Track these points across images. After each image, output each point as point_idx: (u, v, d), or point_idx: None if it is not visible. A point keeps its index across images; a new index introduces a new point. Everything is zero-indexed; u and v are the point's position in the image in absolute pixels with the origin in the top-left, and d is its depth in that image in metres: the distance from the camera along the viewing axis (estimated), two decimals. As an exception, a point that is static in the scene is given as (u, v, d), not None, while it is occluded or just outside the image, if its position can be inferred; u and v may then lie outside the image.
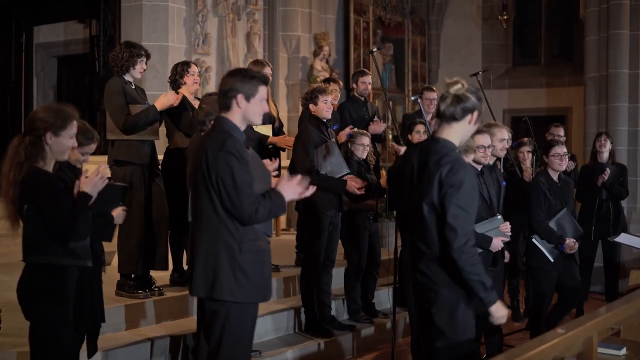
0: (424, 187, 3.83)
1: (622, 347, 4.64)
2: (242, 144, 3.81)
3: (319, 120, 6.44)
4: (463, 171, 3.74)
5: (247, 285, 3.81)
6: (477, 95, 3.85)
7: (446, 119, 3.85)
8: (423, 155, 3.92)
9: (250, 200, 3.72)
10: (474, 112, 3.83)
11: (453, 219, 3.70)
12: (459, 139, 3.89)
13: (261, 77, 3.94)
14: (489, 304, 3.78)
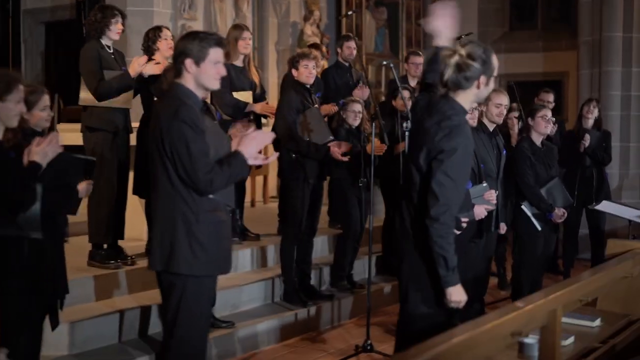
0: (417, 145, 3.70)
1: (597, 317, 4.55)
2: (196, 111, 3.66)
3: (301, 85, 6.29)
4: (460, 138, 3.58)
5: (204, 257, 3.69)
6: (482, 59, 3.58)
7: (452, 88, 3.66)
8: (426, 114, 3.76)
9: (206, 169, 3.59)
10: (480, 77, 3.60)
11: (438, 186, 3.57)
12: (469, 102, 3.71)
13: (213, 38, 3.76)
14: (446, 284, 3.62)
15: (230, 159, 3.67)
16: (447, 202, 3.58)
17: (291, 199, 6.28)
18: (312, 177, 6.24)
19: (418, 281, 3.77)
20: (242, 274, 6.62)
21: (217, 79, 3.82)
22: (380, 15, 13.95)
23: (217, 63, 3.76)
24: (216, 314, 5.81)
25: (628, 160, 9.64)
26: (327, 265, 7.15)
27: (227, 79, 6.79)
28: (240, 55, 6.92)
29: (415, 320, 3.77)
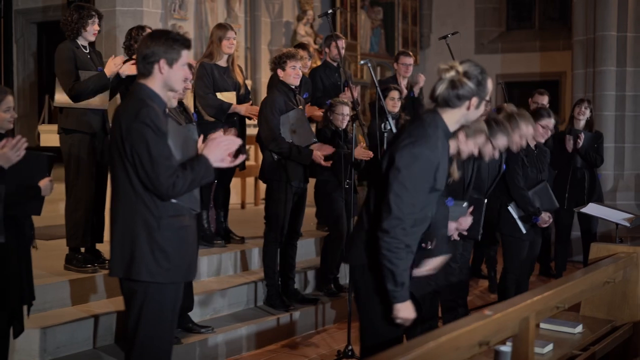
0: (392, 152, 3.56)
1: (578, 324, 4.44)
2: (159, 113, 3.54)
3: (286, 86, 6.17)
4: (423, 148, 3.42)
5: (166, 264, 3.57)
6: (478, 80, 3.43)
7: (440, 104, 3.52)
8: (412, 121, 3.67)
9: (168, 173, 3.47)
10: (472, 98, 3.45)
11: (393, 197, 3.43)
12: (455, 123, 3.54)
13: (184, 40, 3.67)
14: (394, 300, 3.46)
15: (194, 162, 3.56)
16: (401, 215, 3.41)
17: (273, 201, 6.17)
18: (294, 180, 6.12)
19: (371, 295, 3.64)
20: (225, 278, 6.51)
21: (184, 81, 3.73)
22: (376, 15, 13.86)
23: (185, 65, 3.67)
24: (195, 318, 5.71)
25: (623, 161, 9.50)
26: (313, 269, 7.03)
27: (211, 79, 6.71)
28: (224, 55, 6.81)
29: (368, 336, 3.67)
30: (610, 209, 5.95)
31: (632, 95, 9.45)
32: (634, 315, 4.64)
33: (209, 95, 6.68)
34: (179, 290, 3.72)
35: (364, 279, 3.63)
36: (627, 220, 5.43)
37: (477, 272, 8.48)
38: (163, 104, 3.66)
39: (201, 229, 6.88)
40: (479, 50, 14.32)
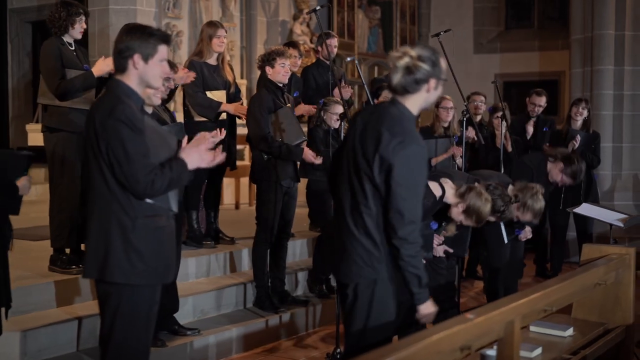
0: (367, 153, 3.49)
1: (569, 327, 4.34)
2: (134, 110, 3.44)
3: (274, 84, 6.07)
4: (414, 146, 3.40)
5: (141, 266, 3.47)
6: (432, 61, 3.43)
7: (399, 92, 3.50)
8: (374, 118, 3.57)
9: (145, 171, 3.37)
10: (430, 80, 3.44)
11: (402, 202, 3.39)
12: (418, 108, 3.55)
13: (161, 34, 3.57)
14: (418, 302, 3.56)
15: (173, 163, 3.47)
16: (414, 219, 3.43)
17: (263, 201, 6.07)
18: (285, 179, 6.03)
19: (379, 305, 3.60)
20: (214, 279, 6.41)
21: (162, 77, 3.62)
22: (374, 14, 13.77)
23: (162, 61, 3.57)
24: (182, 320, 5.61)
25: (620, 161, 9.38)
26: (304, 270, 6.94)
27: (200, 78, 6.62)
28: (214, 53, 6.73)
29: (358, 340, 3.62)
30: (604, 209, 5.84)
31: (630, 95, 9.34)
32: (626, 318, 4.54)
33: (198, 94, 6.60)
34: (155, 292, 3.61)
35: (370, 292, 3.56)
36: (620, 220, 5.32)
37: (473, 274, 8.39)
38: (140, 101, 3.57)
39: (191, 229, 6.80)
40: (477, 49, 14.23)
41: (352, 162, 3.56)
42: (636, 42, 9.32)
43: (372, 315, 3.61)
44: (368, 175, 3.46)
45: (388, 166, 3.39)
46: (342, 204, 3.61)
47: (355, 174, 3.52)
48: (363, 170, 3.48)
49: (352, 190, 3.55)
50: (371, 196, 3.48)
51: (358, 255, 3.55)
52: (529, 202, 5.35)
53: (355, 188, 3.53)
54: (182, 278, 6.10)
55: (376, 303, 3.60)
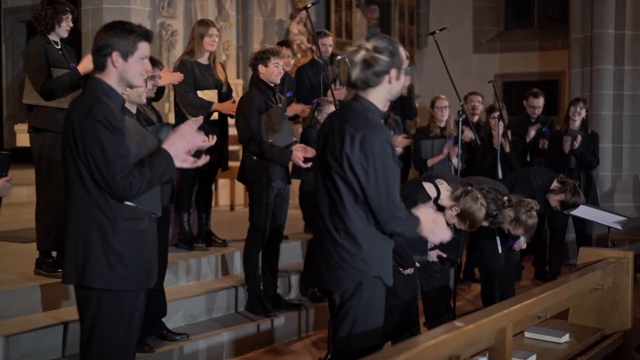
0: (335, 153, 3.41)
1: (565, 333, 4.22)
2: (113, 109, 3.32)
3: (265, 84, 5.95)
4: (382, 136, 3.34)
5: (122, 271, 3.35)
6: (389, 50, 3.38)
7: (361, 87, 3.43)
8: (339, 117, 3.50)
9: (124, 172, 3.25)
10: (390, 71, 3.39)
11: (379, 195, 3.34)
12: (382, 100, 3.48)
13: (142, 31, 3.44)
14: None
15: (153, 159, 3.33)
16: (395, 205, 3.37)
17: (254, 204, 5.95)
18: (275, 181, 5.90)
19: (367, 307, 3.51)
20: (204, 282, 6.29)
21: (143, 75, 3.50)
22: (372, 14, 13.64)
23: (144, 59, 3.44)
24: (171, 325, 5.49)
25: (620, 161, 9.24)
26: (298, 273, 6.81)
27: (191, 77, 6.51)
28: (205, 52, 6.61)
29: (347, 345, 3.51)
30: (602, 211, 5.71)
31: (630, 95, 9.21)
32: (624, 324, 4.42)
33: (190, 94, 6.48)
34: (137, 298, 3.49)
35: (358, 297, 3.47)
36: (619, 223, 5.20)
37: (470, 276, 8.27)
38: (120, 100, 3.45)
39: (182, 231, 6.69)
40: (477, 49, 14.10)
41: (324, 165, 3.48)
42: (636, 42, 9.18)
43: (359, 322, 3.52)
44: (340, 175, 3.39)
45: (357, 162, 3.33)
46: (321, 209, 3.52)
47: (328, 176, 3.45)
48: (335, 171, 3.40)
49: (328, 193, 3.47)
50: (346, 196, 3.40)
51: (342, 259, 3.46)
52: (523, 217, 5.26)
53: (330, 191, 3.46)
54: (172, 282, 5.99)
55: (363, 309, 3.51)
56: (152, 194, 3.48)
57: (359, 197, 3.39)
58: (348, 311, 3.52)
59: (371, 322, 3.54)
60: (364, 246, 3.44)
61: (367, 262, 3.45)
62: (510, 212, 5.27)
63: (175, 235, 6.77)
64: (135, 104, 4.43)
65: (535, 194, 6.22)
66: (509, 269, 6.02)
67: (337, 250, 3.46)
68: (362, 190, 3.36)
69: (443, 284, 5.58)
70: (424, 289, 5.56)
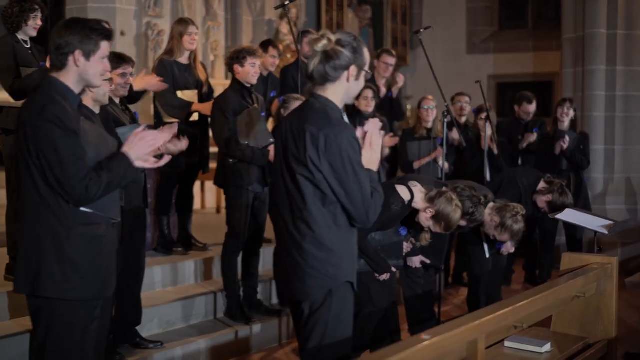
0: (299, 156, 3.26)
1: (546, 342, 4.05)
2: (67, 110, 3.16)
3: (240, 84, 5.79)
4: (342, 134, 3.19)
5: (76, 279, 3.20)
6: (353, 47, 3.24)
7: (318, 81, 3.28)
8: (297, 118, 3.35)
9: (80, 175, 3.10)
10: (350, 67, 3.24)
11: (351, 192, 3.21)
12: (340, 99, 3.32)
13: (104, 30, 3.31)
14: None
15: (111, 162, 3.19)
16: (367, 200, 3.24)
17: (231, 207, 5.80)
18: (253, 184, 5.75)
19: (336, 315, 3.36)
20: (183, 287, 6.13)
21: (103, 75, 3.36)
22: (364, 14, 13.50)
23: (104, 58, 3.31)
24: (146, 332, 5.35)
25: (613, 163, 9.09)
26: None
27: (170, 77, 6.36)
28: (185, 51, 6.46)
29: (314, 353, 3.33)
30: (588, 215, 5.55)
31: (623, 96, 9.06)
32: (608, 332, 4.26)
33: (168, 94, 6.33)
34: (94, 307, 3.34)
35: (328, 306, 3.32)
36: (605, 227, 5.04)
37: (459, 280, 8.12)
38: (76, 100, 3.31)
39: (162, 235, 6.54)
40: (470, 50, 13.94)
41: (286, 170, 3.32)
42: (629, 42, 9.03)
43: (329, 332, 3.36)
44: (306, 177, 3.24)
45: (324, 162, 3.20)
46: (283, 217, 3.36)
47: (291, 179, 3.29)
48: (299, 173, 3.25)
49: (290, 197, 3.30)
50: (311, 198, 3.24)
51: (310, 267, 3.30)
52: (508, 222, 5.11)
53: (293, 195, 3.29)
54: (148, 287, 5.81)
55: (333, 319, 3.35)
56: (111, 199, 3.33)
57: (327, 198, 3.25)
58: (317, 322, 3.36)
59: (341, 332, 3.39)
60: (333, 250, 3.29)
61: (338, 267, 3.31)
62: (496, 217, 5.13)
63: (155, 239, 6.62)
64: (99, 104, 4.27)
65: (522, 195, 6.06)
66: (496, 274, 5.87)
67: (304, 257, 3.30)
68: (333, 191, 3.22)
69: (426, 289, 5.44)
70: (406, 295, 5.41)
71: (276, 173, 3.43)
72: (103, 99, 4.25)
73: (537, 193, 5.99)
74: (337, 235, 3.30)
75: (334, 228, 3.29)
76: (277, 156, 3.45)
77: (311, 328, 3.37)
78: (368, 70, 3.36)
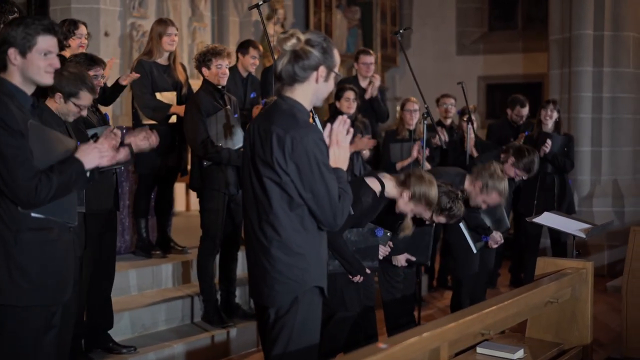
0: (265, 158, 3.20)
1: (520, 348, 3.98)
2: (12, 110, 3.06)
3: (212, 86, 5.73)
4: (309, 137, 3.13)
5: (26, 285, 3.11)
6: (322, 47, 3.19)
7: (287, 81, 3.22)
8: (263, 119, 3.29)
9: (27, 175, 3.01)
10: (319, 68, 3.19)
11: (318, 194, 3.13)
12: (308, 100, 3.27)
13: (42, 24, 3.18)
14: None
15: (63, 165, 3.11)
16: (334, 201, 3.17)
17: (205, 210, 5.73)
18: (227, 186, 5.68)
19: (305, 328, 3.30)
20: (160, 291, 6.05)
21: (49, 71, 3.22)
22: (353, 15, 13.42)
23: (48, 54, 3.19)
24: (119, 337, 5.27)
25: (599, 165, 9.01)
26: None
27: (149, 78, 6.29)
28: (164, 52, 6.39)
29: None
30: (566, 218, 5.47)
31: (610, 97, 8.98)
32: (583, 338, 4.19)
33: (147, 96, 6.27)
34: (51, 314, 3.26)
35: (294, 312, 3.25)
36: (582, 231, 4.98)
37: (443, 283, 8.07)
38: (28, 100, 3.22)
39: (140, 238, 6.47)
40: (460, 51, 13.86)
41: (252, 172, 3.25)
42: (615, 43, 8.95)
43: (294, 339, 3.28)
44: (272, 179, 3.17)
45: (290, 164, 3.14)
46: (250, 220, 3.30)
47: (258, 181, 3.22)
48: (266, 176, 3.18)
49: (257, 201, 3.23)
50: (277, 202, 3.18)
51: (278, 272, 3.23)
52: (490, 182, 5.10)
53: (259, 198, 3.22)
54: (123, 291, 5.77)
55: (299, 325, 3.28)
56: (66, 202, 3.24)
57: (294, 202, 3.18)
58: (283, 327, 3.28)
59: (307, 339, 3.31)
60: (301, 254, 3.23)
61: (306, 271, 3.24)
62: (477, 182, 5.11)
63: (133, 242, 6.54)
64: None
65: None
66: (481, 277, 5.79)
67: (272, 262, 3.23)
68: (299, 194, 3.16)
69: (406, 293, 5.36)
70: (385, 300, 5.34)
71: (244, 175, 3.36)
72: (66, 117, 4.19)
73: (503, 165, 5.83)
74: (304, 239, 3.23)
75: (302, 232, 3.22)
76: (244, 158, 3.38)
77: (277, 334, 3.30)
78: (338, 72, 3.31)
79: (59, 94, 4.14)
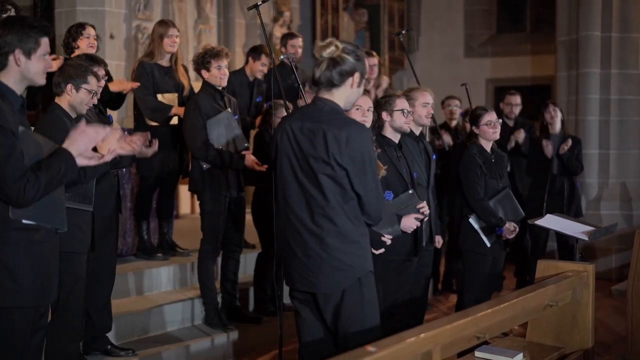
0: (319, 155, 3.40)
1: (519, 353, 3.92)
2: (4, 109, 3.04)
3: (212, 87, 5.69)
4: (361, 134, 3.41)
5: (11, 285, 3.09)
6: (356, 55, 3.46)
7: (324, 86, 3.44)
8: (307, 120, 3.46)
9: (16, 175, 2.99)
10: (354, 74, 3.45)
11: (369, 188, 3.44)
12: (342, 103, 3.50)
13: (42, 26, 3.23)
14: None
15: (50, 160, 3.08)
16: (381, 193, 3.58)
17: (205, 213, 5.68)
18: (228, 189, 5.64)
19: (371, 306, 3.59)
20: (160, 294, 6.03)
21: (44, 73, 3.27)
22: (360, 17, 13.39)
23: (45, 55, 3.22)
24: (119, 340, 5.25)
25: (607, 168, 8.92)
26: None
27: (150, 80, 6.27)
28: (166, 54, 6.37)
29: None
30: (570, 221, 5.40)
31: (617, 99, 8.89)
32: (584, 342, 4.12)
33: (148, 97, 6.25)
34: (39, 316, 3.23)
35: (360, 293, 3.48)
36: (585, 233, 4.90)
37: (448, 287, 8.00)
38: (18, 100, 3.21)
39: (141, 241, 6.45)
40: (468, 53, 13.80)
41: (300, 170, 3.44)
42: (623, 44, 8.87)
43: (367, 316, 3.50)
44: (328, 174, 3.40)
45: (347, 160, 3.37)
46: (298, 215, 3.47)
47: (307, 179, 3.42)
48: (320, 172, 3.40)
49: (307, 196, 3.43)
50: (334, 195, 3.42)
51: (337, 259, 3.45)
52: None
53: (310, 194, 3.42)
54: (123, 294, 5.74)
55: (367, 304, 3.51)
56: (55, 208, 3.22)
57: (347, 194, 3.43)
58: (353, 309, 3.48)
59: (375, 317, 3.54)
60: (357, 242, 3.48)
61: (362, 258, 3.50)
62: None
63: (135, 245, 6.52)
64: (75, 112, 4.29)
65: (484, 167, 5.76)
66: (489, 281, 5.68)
67: (329, 251, 3.44)
68: (353, 187, 3.41)
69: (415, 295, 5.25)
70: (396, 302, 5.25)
71: (282, 174, 3.51)
72: (80, 107, 4.28)
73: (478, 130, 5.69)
74: (357, 230, 3.48)
75: (356, 222, 3.47)
76: (282, 158, 3.52)
77: (347, 317, 3.47)
78: (367, 79, 3.58)
79: (70, 86, 4.30)
